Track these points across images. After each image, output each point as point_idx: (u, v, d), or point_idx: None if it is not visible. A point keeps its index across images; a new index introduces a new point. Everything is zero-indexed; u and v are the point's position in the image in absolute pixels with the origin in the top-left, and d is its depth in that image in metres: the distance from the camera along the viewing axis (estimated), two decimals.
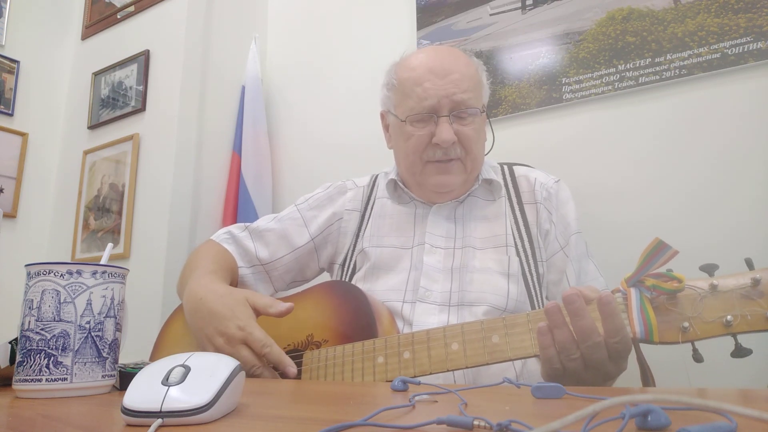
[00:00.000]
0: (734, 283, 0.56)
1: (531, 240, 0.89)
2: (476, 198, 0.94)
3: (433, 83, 0.85)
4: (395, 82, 0.92)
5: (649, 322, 0.57)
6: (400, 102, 0.91)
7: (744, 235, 1.07)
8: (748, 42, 1.10)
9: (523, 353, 0.62)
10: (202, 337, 0.78)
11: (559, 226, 0.89)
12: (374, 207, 0.99)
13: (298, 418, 0.38)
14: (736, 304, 0.55)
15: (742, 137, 1.10)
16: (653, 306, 0.58)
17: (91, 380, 0.52)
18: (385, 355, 0.68)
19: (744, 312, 0.54)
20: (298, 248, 0.99)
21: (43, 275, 0.53)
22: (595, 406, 0.24)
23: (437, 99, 0.85)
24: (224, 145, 1.82)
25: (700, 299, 0.57)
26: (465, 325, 0.66)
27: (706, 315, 0.56)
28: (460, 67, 0.87)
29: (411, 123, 0.88)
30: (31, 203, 2.00)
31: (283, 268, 1.00)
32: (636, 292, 0.59)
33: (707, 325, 0.56)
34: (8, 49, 1.99)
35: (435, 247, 0.89)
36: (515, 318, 0.64)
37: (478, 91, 0.90)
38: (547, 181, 0.94)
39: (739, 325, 0.55)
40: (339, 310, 0.80)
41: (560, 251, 0.88)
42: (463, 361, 0.64)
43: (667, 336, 0.57)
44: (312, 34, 1.90)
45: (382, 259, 0.91)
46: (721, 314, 0.55)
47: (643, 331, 0.57)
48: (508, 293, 0.83)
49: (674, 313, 0.57)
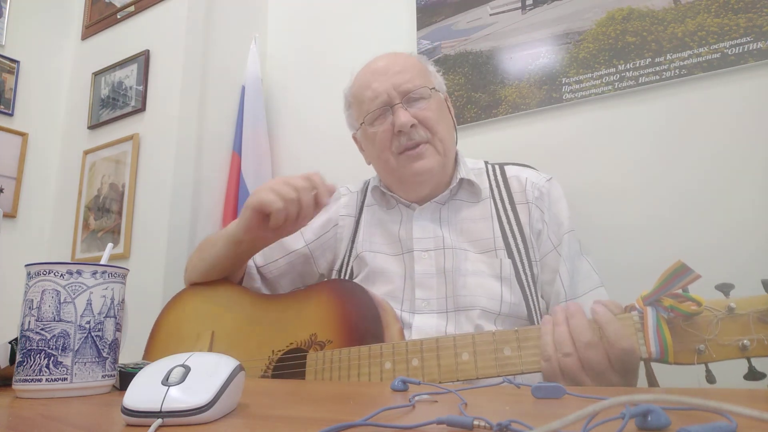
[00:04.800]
0: (751, 306, 0.55)
1: (524, 240, 0.88)
2: (459, 201, 0.94)
3: (379, 81, 0.90)
4: (351, 99, 0.99)
5: (665, 343, 0.57)
6: (358, 112, 0.95)
7: (744, 235, 1.07)
8: (748, 42, 1.10)
9: (536, 367, 0.62)
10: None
11: (552, 225, 0.89)
12: (365, 214, 1.00)
13: (298, 418, 0.38)
14: (752, 328, 0.55)
15: (742, 137, 1.10)
16: (669, 327, 0.57)
17: (91, 380, 0.52)
18: (392, 362, 0.68)
19: (761, 336, 0.54)
20: (291, 252, 1.00)
21: (43, 275, 0.53)
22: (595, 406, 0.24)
23: (386, 93, 0.89)
24: (224, 145, 1.82)
25: (716, 321, 0.56)
26: (476, 336, 0.65)
27: (722, 338, 0.55)
28: (400, 61, 0.93)
29: (370, 123, 0.92)
30: (31, 203, 2.00)
31: (278, 272, 1.00)
32: (653, 312, 0.58)
33: (723, 348, 0.55)
34: (8, 49, 1.99)
35: (423, 251, 0.89)
36: (527, 331, 0.64)
37: (424, 76, 0.94)
38: (538, 180, 0.93)
39: (755, 350, 0.54)
40: (344, 310, 0.79)
41: (553, 250, 0.87)
42: (474, 372, 0.63)
43: (682, 357, 0.57)
44: (312, 34, 1.90)
45: (377, 264, 0.92)
46: (737, 337, 0.55)
47: (659, 351, 0.57)
48: (501, 297, 0.83)
49: (690, 334, 0.57)
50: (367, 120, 0.92)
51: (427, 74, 0.95)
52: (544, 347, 0.61)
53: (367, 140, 0.95)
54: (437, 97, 0.93)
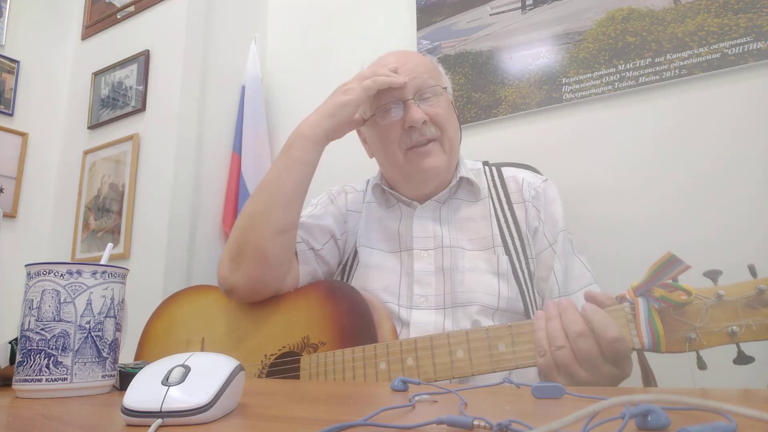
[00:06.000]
0: (739, 292, 0.56)
1: (521, 238, 0.89)
2: (459, 200, 0.95)
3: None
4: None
5: (657, 333, 0.57)
6: (368, 105, 0.95)
7: (744, 234, 1.07)
8: (748, 42, 1.10)
9: (530, 362, 0.62)
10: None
11: (548, 224, 0.90)
12: (364, 210, 1.00)
13: (298, 418, 0.38)
14: (740, 314, 0.55)
15: (742, 137, 1.10)
16: (660, 317, 0.58)
17: (91, 380, 0.52)
18: (387, 362, 0.68)
19: (749, 322, 0.55)
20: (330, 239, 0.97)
21: (43, 275, 0.53)
22: (595, 406, 0.24)
23: (399, 88, 0.89)
24: (224, 145, 1.82)
25: (706, 309, 0.57)
26: (470, 332, 0.65)
27: (712, 325, 0.56)
28: (412, 58, 0.93)
29: (381, 115, 0.91)
30: (31, 203, 2.00)
31: (330, 254, 0.96)
32: (644, 302, 0.59)
33: (713, 335, 0.56)
34: (8, 49, 1.99)
35: (423, 250, 0.90)
36: (521, 326, 0.64)
37: (436, 74, 0.94)
38: (534, 180, 0.95)
39: (744, 335, 0.55)
40: (335, 311, 0.79)
41: (549, 248, 0.89)
42: (469, 369, 0.64)
43: (674, 346, 0.58)
44: (312, 34, 1.90)
45: (372, 259, 0.92)
46: (726, 324, 0.56)
47: (651, 342, 0.58)
48: (499, 292, 0.84)
49: (681, 323, 0.57)
50: (377, 111, 0.91)
51: (438, 73, 0.95)
52: (538, 342, 0.62)
53: (374, 132, 0.94)
54: (447, 96, 0.94)
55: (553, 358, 0.61)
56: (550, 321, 0.62)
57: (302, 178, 0.86)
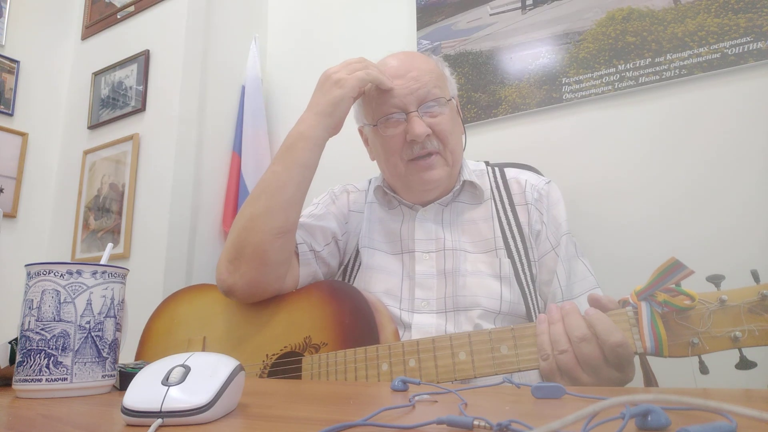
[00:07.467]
0: (742, 297, 0.56)
1: (524, 241, 0.89)
2: (461, 203, 0.95)
3: (396, 85, 0.88)
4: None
5: (659, 338, 0.57)
6: (369, 111, 0.94)
7: (743, 234, 1.07)
8: (748, 42, 1.10)
9: (533, 365, 0.62)
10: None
11: (551, 227, 0.90)
12: (366, 211, 1.00)
13: (298, 418, 0.38)
14: (743, 319, 0.55)
15: (742, 137, 1.10)
16: (663, 321, 0.58)
17: (91, 380, 0.52)
18: (389, 363, 0.67)
19: (752, 327, 0.55)
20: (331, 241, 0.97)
21: (43, 275, 0.53)
22: (595, 406, 0.24)
23: (402, 97, 0.87)
24: (224, 145, 1.82)
25: (708, 314, 0.57)
26: (472, 335, 0.65)
27: (715, 330, 0.56)
28: (418, 64, 0.90)
29: (383, 125, 0.90)
30: (31, 203, 2.00)
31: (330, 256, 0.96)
32: (647, 307, 0.59)
33: (715, 340, 0.56)
34: (8, 49, 1.99)
35: (425, 252, 0.89)
36: (523, 329, 0.64)
37: (441, 82, 0.92)
38: (537, 182, 0.94)
39: (746, 341, 0.55)
40: (338, 311, 0.79)
41: (551, 251, 0.88)
42: (472, 371, 0.64)
43: (677, 351, 0.57)
44: (312, 34, 1.90)
45: (374, 261, 0.92)
46: (729, 329, 0.56)
47: (654, 346, 0.58)
48: (501, 296, 0.83)
49: (684, 327, 0.57)
50: (380, 122, 0.90)
51: (444, 81, 0.94)
52: (541, 346, 0.62)
53: (376, 140, 0.94)
54: (452, 106, 0.93)
55: (556, 362, 0.60)
56: (553, 325, 0.62)
57: (303, 181, 0.85)
